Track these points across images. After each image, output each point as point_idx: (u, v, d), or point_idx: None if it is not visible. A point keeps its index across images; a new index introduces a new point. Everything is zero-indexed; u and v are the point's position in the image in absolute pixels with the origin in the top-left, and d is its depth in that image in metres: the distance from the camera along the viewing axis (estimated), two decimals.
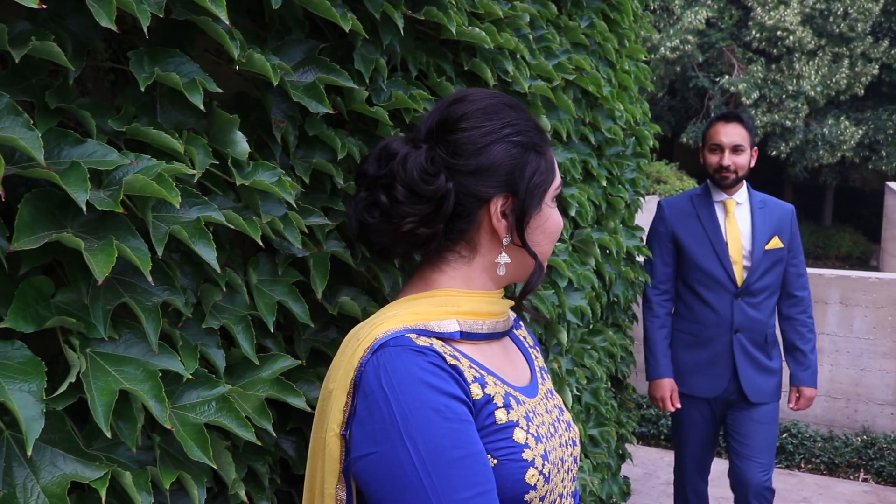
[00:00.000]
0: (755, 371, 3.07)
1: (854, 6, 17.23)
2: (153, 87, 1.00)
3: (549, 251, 1.14)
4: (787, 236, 3.09)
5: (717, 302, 3.05)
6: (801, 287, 3.17)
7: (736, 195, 3.09)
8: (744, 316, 3.04)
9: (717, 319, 3.06)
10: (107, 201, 0.85)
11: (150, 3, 0.90)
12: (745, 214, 3.10)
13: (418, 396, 0.92)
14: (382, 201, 1.04)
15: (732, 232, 3.06)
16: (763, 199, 3.14)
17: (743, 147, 3.00)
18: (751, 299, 3.04)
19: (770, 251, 3.04)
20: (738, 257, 3.05)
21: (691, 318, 3.14)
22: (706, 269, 3.06)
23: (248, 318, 1.11)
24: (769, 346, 3.11)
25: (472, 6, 1.59)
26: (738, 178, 3.02)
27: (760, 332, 3.06)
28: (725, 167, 3.00)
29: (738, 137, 2.99)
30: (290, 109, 1.20)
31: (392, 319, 1.01)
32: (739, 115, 3.04)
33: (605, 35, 2.50)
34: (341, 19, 1.15)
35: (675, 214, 3.16)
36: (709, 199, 3.11)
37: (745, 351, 3.06)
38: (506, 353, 1.16)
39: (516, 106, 1.09)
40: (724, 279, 3.04)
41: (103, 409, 0.84)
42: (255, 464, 1.15)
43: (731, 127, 3.00)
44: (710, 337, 3.08)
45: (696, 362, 3.12)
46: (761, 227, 3.04)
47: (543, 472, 1.01)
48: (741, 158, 3.01)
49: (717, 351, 3.07)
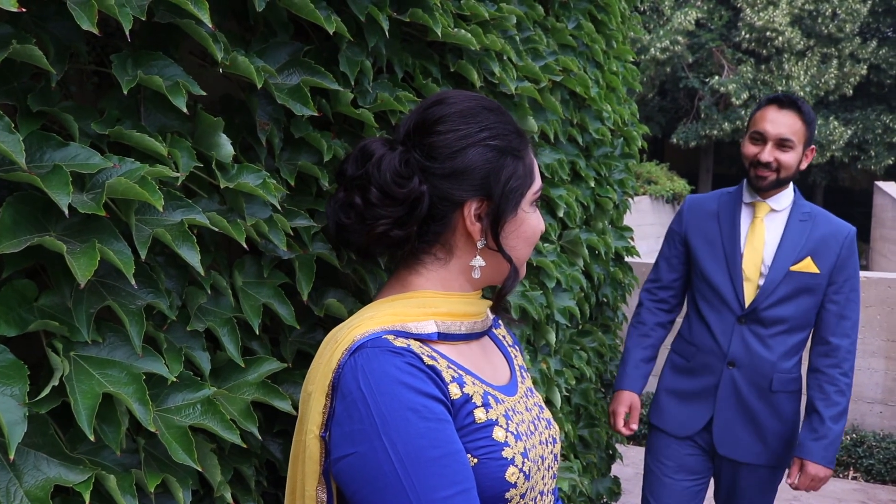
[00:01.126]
0: (740, 422, 2.44)
1: (842, 7, 17.35)
2: (137, 89, 1.00)
3: (527, 255, 1.14)
4: (830, 263, 2.39)
5: (717, 324, 2.46)
6: (842, 334, 2.41)
7: (773, 199, 2.45)
8: (744, 347, 2.42)
9: (712, 345, 2.47)
10: (89, 204, 0.85)
11: (133, 6, 0.90)
12: (777, 224, 2.45)
13: (396, 397, 0.92)
14: (357, 203, 1.04)
15: (754, 242, 2.44)
16: (812, 211, 2.47)
17: (792, 143, 2.33)
18: (759, 329, 2.41)
19: (796, 274, 2.38)
20: (754, 274, 2.42)
21: (688, 339, 2.58)
22: (712, 282, 2.48)
23: (233, 320, 1.11)
24: (777, 396, 2.43)
25: (458, 8, 1.59)
26: (779, 181, 2.38)
27: (764, 373, 2.41)
28: (765, 164, 2.34)
29: (789, 129, 2.32)
30: (275, 112, 1.20)
31: (369, 321, 1.01)
32: (797, 102, 2.35)
33: (592, 36, 2.51)
34: (325, 22, 1.15)
35: (694, 213, 2.60)
36: (737, 200, 2.52)
37: (738, 393, 2.43)
38: (484, 352, 1.16)
39: (496, 109, 1.09)
40: (729, 297, 2.44)
41: (86, 413, 0.84)
42: (242, 466, 1.14)
43: (783, 115, 2.34)
44: (700, 365, 2.51)
45: (680, 391, 2.57)
46: (793, 243, 2.40)
47: (524, 469, 1.02)
48: (788, 156, 2.34)
49: (705, 384, 2.49)
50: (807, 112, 2.35)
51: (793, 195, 2.49)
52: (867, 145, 19.25)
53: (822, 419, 2.35)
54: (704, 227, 2.55)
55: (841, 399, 2.36)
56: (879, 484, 4.88)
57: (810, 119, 2.35)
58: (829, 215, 2.49)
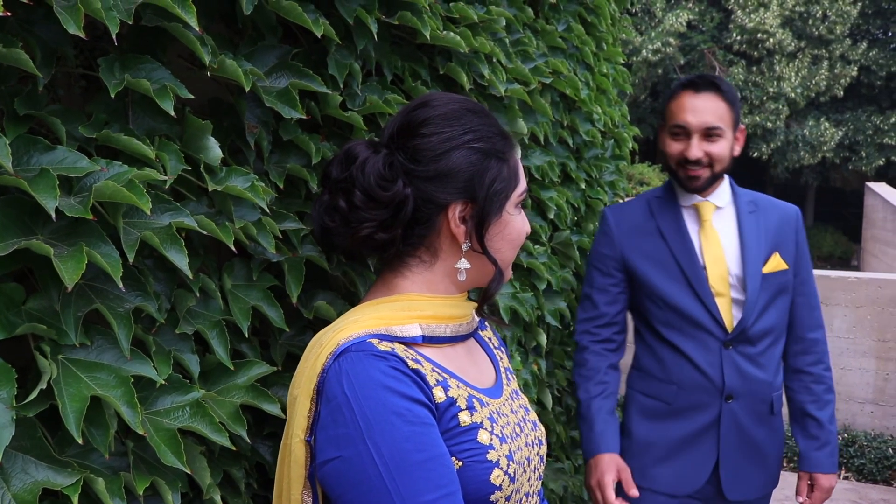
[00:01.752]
0: (746, 458, 2.09)
1: (832, 9, 17.43)
2: (125, 93, 1.00)
3: (512, 257, 1.15)
4: (792, 252, 2.11)
5: (699, 353, 2.05)
6: (815, 326, 2.16)
7: (713, 196, 2.10)
8: (738, 375, 2.05)
9: (700, 380, 2.05)
10: (77, 208, 0.85)
11: (120, 10, 0.90)
12: (728, 223, 2.11)
13: (380, 401, 0.92)
14: (341, 206, 1.05)
15: (712, 250, 2.07)
16: (753, 198, 2.17)
17: (720, 130, 1.99)
18: (749, 349, 2.05)
19: (770, 276, 2.06)
20: (723, 287, 2.06)
21: (661, 376, 2.11)
22: (678, 307, 2.06)
23: (222, 323, 1.11)
24: (775, 418, 2.14)
25: (448, 10, 1.60)
26: (713, 177, 2.04)
27: (764, 397, 2.08)
28: (694, 161, 2.00)
29: (714, 115, 1.98)
30: (263, 115, 1.20)
31: (354, 325, 1.01)
32: (715, 81, 2.01)
33: (582, 38, 2.52)
34: (313, 25, 1.16)
35: (625, 231, 2.17)
36: (673, 204, 2.13)
37: (740, 429, 2.06)
38: (470, 354, 1.16)
39: (480, 111, 1.09)
40: (704, 320, 2.05)
41: (74, 416, 0.84)
42: (231, 469, 1.15)
43: (703, 99, 1.99)
44: (687, 405, 2.07)
45: (666, 440, 2.09)
46: (754, 241, 2.07)
47: (508, 472, 1.02)
48: (719, 146, 2.00)
49: (700, 427, 2.07)
50: (727, 90, 2.02)
51: (729, 186, 2.16)
52: (858, 146, 19.34)
53: (820, 423, 2.11)
54: (645, 245, 2.13)
55: (831, 396, 2.16)
56: (871, 483, 4.90)
57: (733, 97, 2.03)
58: (771, 199, 2.20)
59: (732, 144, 2.05)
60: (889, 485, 4.87)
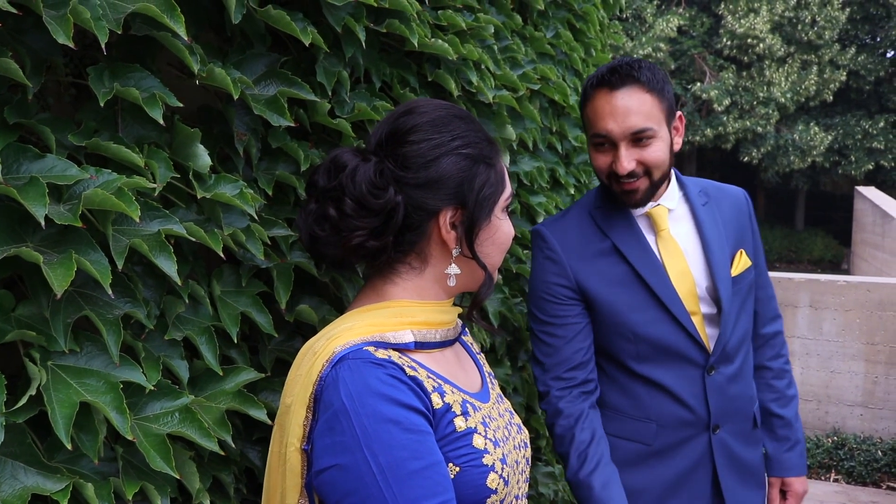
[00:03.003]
0: (745, 485, 1.84)
1: (821, 14, 17.56)
2: (115, 101, 1.01)
3: (500, 261, 1.16)
4: (751, 244, 1.86)
5: (680, 385, 1.75)
6: (772, 317, 1.95)
7: (664, 198, 1.76)
8: (723, 400, 1.77)
9: (684, 414, 1.75)
10: (66, 216, 0.86)
11: (109, 20, 0.91)
12: (684, 226, 1.79)
13: (378, 409, 0.93)
14: (331, 214, 1.04)
15: (675, 264, 1.74)
16: (702, 188, 1.85)
17: (651, 131, 1.61)
18: (728, 368, 1.77)
19: (739, 278, 1.79)
20: (694, 304, 1.74)
21: (636, 414, 1.78)
22: (654, 338, 1.73)
23: (211, 329, 1.12)
24: (758, 431, 1.91)
25: (436, 18, 1.61)
26: (654, 186, 1.68)
27: (748, 415, 1.84)
28: (626, 176, 1.64)
29: (638, 115, 1.60)
30: (252, 122, 1.21)
31: (348, 332, 1.01)
32: (631, 71, 1.61)
33: (571, 45, 2.53)
34: (301, 33, 1.17)
35: (573, 252, 1.77)
36: (623, 214, 1.76)
37: (732, 456, 1.80)
38: (458, 359, 1.17)
39: (466, 117, 1.10)
40: (685, 348, 1.74)
41: (64, 421, 0.85)
42: (221, 474, 1.15)
43: (622, 97, 1.61)
44: (673, 443, 1.77)
45: (658, 485, 1.78)
46: (717, 240, 1.77)
47: (503, 475, 1.03)
48: (653, 150, 1.63)
49: (690, 464, 1.77)
50: (649, 77, 1.62)
51: (677, 182, 1.82)
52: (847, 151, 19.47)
53: (787, 422, 1.91)
54: (602, 267, 1.76)
55: (793, 391, 1.94)
56: (860, 486, 4.93)
57: (659, 83, 1.63)
58: (717, 184, 1.90)
59: (670, 141, 1.68)
60: (878, 487, 4.90)
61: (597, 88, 1.64)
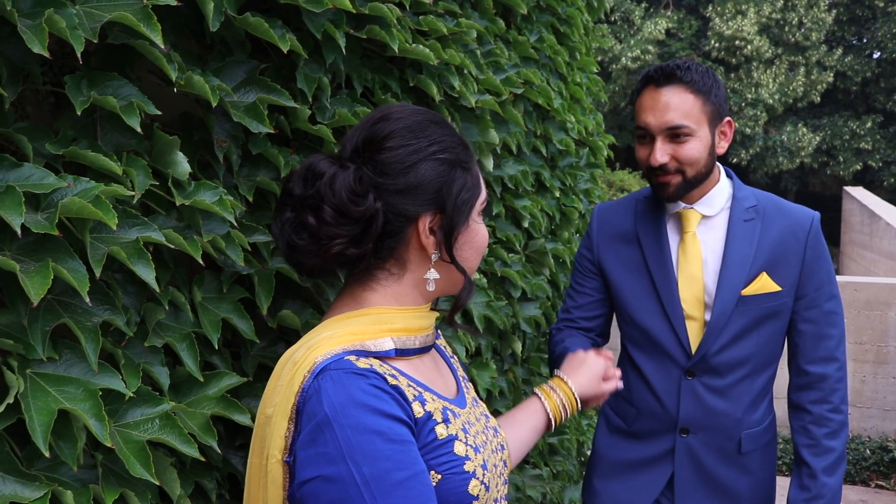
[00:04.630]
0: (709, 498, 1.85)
1: (808, 16, 17.67)
2: (93, 109, 1.02)
3: (477, 265, 1.16)
4: (794, 272, 1.77)
5: (658, 379, 1.84)
6: (825, 359, 1.80)
7: (703, 203, 1.81)
8: (698, 408, 1.80)
9: (655, 408, 1.85)
10: (43, 224, 0.86)
11: (85, 29, 0.92)
12: (715, 234, 1.81)
13: (361, 420, 0.93)
14: (310, 223, 1.03)
15: (689, 266, 1.80)
16: (760, 203, 1.82)
17: (688, 129, 1.68)
18: (713, 381, 1.79)
19: (752, 298, 1.76)
20: (697, 310, 1.80)
21: (626, 396, 1.93)
22: (643, 326, 1.85)
23: (191, 335, 1.12)
24: (749, 457, 1.85)
25: (417, 24, 1.62)
26: (688, 182, 1.73)
27: (730, 435, 1.81)
28: (660, 168, 1.73)
29: (678, 112, 1.68)
30: (233, 129, 1.22)
31: (329, 341, 1.01)
32: (678, 72, 1.69)
33: (555, 48, 2.55)
34: (280, 40, 1.18)
35: (605, 232, 1.95)
36: (657, 210, 1.86)
37: (699, 465, 1.83)
38: (436, 365, 1.17)
39: (441, 122, 1.10)
40: (669, 344, 1.81)
41: (42, 429, 0.85)
42: (203, 480, 1.16)
43: (665, 94, 1.70)
44: (644, 430, 1.89)
45: (621, 459, 1.93)
46: (739, 256, 1.77)
47: (484, 481, 1.04)
48: (689, 148, 1.70)
49: (655, 454, 1.87)
50: (696, 79, 1.69)
51: (729, 188, 1.85)
52: (836, 151, 19.59)
53: (814, 473, 1.76)
54: (623, 251, 1.90)
55: (834, 443, 1.77)
56: (849, 484, 4.95)
57: (705, 86, 1.70)
58: (784, 203, 1.85)
59: (711, 142, 1.73)
60: (867, 485, 4.93)
61: (645, 85, 1.75)
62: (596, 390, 1.54)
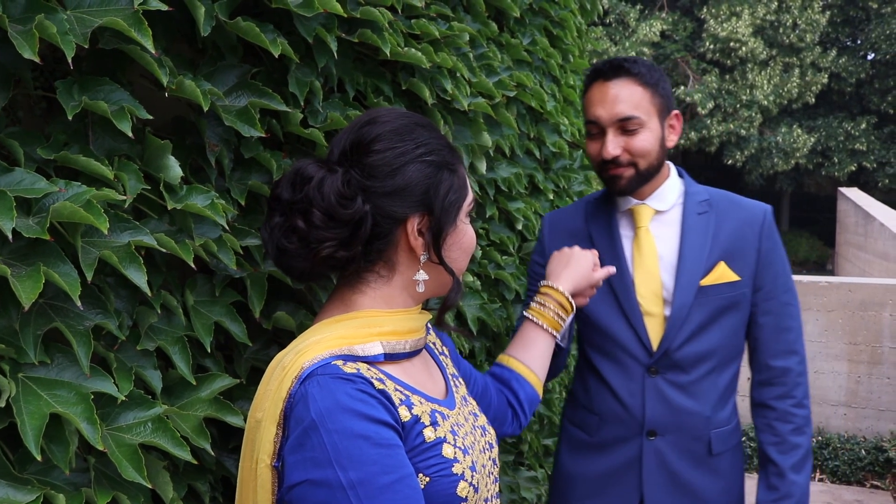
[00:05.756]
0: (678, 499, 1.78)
1: (802, 17, 17.73)
2: (85, 114, 1.02)
3: (465, 266, 1.18)
4: (751, 261, 1.76)
5: (620, 381, 1.78)
6: (786, 352, 1.78)
7: (653, 198, 1.79)
8: (664, 407, 1.75)
9: (619, 411, 1.78)
10: (34, 229, 0.87)
11: (76, 34, 0.92)
12: (669, 229, 1.79)
13: (348, 424, 0.93)
14: (300, 226, 1.04)
15: (644, 261, 1.77)
16: (712, 198, 1.82)
17: (638, 120, 1.67)
18: (678, 377, 1.75)
19: (711, 289, 1.74)
20: (656, 305, 1.76)
21: (586, 405, 1.86)
22: (601, 327, 1.80)
23: (184, 339, 1.12)
24: (719, 459, 1.79)
25: (409, 27, 1.62)
26: (641, 175, 1.72)
27: (698, 435, 1.76)
28: (612, 161, 1.70)
29: (627, 104, 1.68)
30: (225, 133, 1.22)
31: (316, 345, 1.02)
32: (625, 65, 1.70)
33: (548, 51, 2.55)
34: (271, 45, 1.18)
35: (557, 235, 1.91)
36: (609, 208, 1.85)
37: (668, 469, 1.76)
38: (426, 366, 1.18)
39: (427, 125, 1.12)
40: (629, 342, 1.77)
41: (33, 433, 0.85)
42: (196, 482, 1.16)
43: (613, 87, 1.69)
44: (608, 438, 1.80)
45: (588, 475, 1.83)
46: (696, 248, 1.75)
47: (473, 483, 1.04)
48: (640, 140, 1.69)
49: (621, 463, 1.79)
50: (643, 72, 1.69)
51: (681, 185, 1.84)
52: (830, 152, 19.66)
53: (782, 471, 1.73)
54: None
55: (800, 439, 1.74)
56: (844, 485, 4.96)
57: (653, 79, 1.70)
58: (735, 197, 1.84)
59: (661, 134, 1.72)
60: (862, 485, 4.94)
61: (593, 79, 1.74)
62: (588, 280, 1.57)
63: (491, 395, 1.42)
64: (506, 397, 1.46)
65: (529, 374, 1.49)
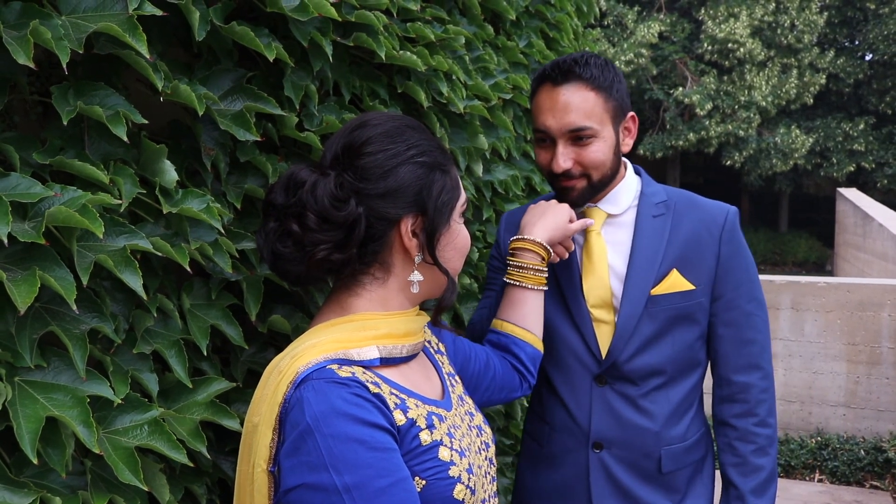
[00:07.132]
0: None
1: (800, 18, 17.75)
2: (81, 118, 1.03)
3: (460, 266, 1.18)
4: (708, 269, 1.64)
5: (568, 390, 1.70)
6: (748, 366, 1.67)
7: (607, 201, 1.68)
8: (610, 419, 1.66)
9: (566, 421, 1.70)
10: (30, 233, 0.87)
11: (71, 40, 0.93)
12: (622, 233, 1.68)
13: (343, 429, 0.94)
14: (294, 230, 1.05)
15: (594, 268, 1.66)
16: (670, 199, 1.69)
17: (591, 130, 1.54)
18: (627, 389, 1.65)
19: (662, 298, 1.62)
20: (606, 313, 1.66)
21: (539, 413, 1.79)
22: (550, 331, 1.69)
23: (180, 342, 1.13)
24: (674, 478, 1.68)
25: (405, 31, 1.63)
26: (594, 187, 1.60)
27: (648, 451, 1.65)
28: (563, 174, 1.58)
29: (579, 112, 1.53)
30: (221, 137, 1.23)
31: (312, 350, 1.02)
32: (576, 68, 1.54)
33: (544, 54, 2.56)
34: (266, 49, 1.19)
35: (511, 231, 1.81)
36: None
37: (616, 485, 1.66)
38: (423, 367, 1.19)
39: (418, 127, 1.13)
40: (577, 349, 1.67)
41: (30, 437, 0.86)
42: (193, 485, 1.16)
43: (563, 93, 1.54)
44: (558, 450, 1.72)
45: (541, 490, 1.76)
46: (647, 254, 1.64)
47: (469, 485, 1.04)
48: (592, 150, 1.56)
49: (570, 475, 1.70)
50: (597, 75, 1.55)
51: (637, 185, 1.71)
52: (829, 153, 19.67)
53: (742, 495, 1.63)
54: None
55: (763, 461, 1.64)
56: (844, 485, 4.96)
57: (607, 81, 1.56)
58: (696, 198, 1.71)
59: (615, 141, 1.60)
60: (861, 486, 4.94)
61: (541, 83, 1.59)
62: (564, 231, 1.54)
63: (495, 366, 1.43)
64: (509, 363, 1.47)
65: (525, 333, 1.49)
